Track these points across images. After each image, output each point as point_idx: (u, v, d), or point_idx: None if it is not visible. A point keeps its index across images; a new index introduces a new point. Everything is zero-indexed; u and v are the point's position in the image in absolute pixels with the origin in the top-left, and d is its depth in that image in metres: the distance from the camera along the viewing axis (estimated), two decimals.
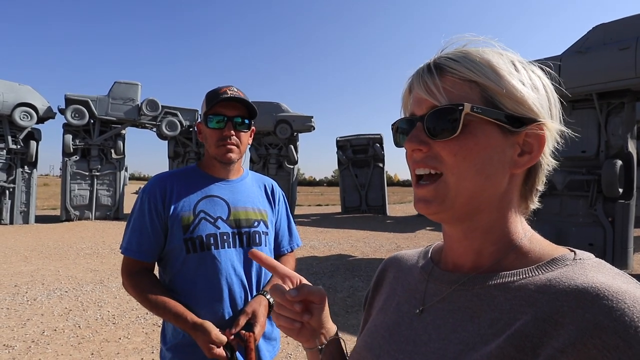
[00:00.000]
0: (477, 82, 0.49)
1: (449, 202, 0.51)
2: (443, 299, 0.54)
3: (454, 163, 0.50)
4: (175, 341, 1.35)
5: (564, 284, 0.44)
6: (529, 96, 0.49)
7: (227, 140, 1.38)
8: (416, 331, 0.54)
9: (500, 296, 0.48)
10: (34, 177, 13.73)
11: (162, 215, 1.35)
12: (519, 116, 0.49)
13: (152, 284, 1.35)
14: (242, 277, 1.38)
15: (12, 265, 7.26)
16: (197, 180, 1.42)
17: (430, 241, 6.02)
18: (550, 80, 0.54)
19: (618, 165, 6.27)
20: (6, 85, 13.09)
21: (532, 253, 0.51)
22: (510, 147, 0.50)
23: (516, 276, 0.49)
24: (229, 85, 1.42)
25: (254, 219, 1.44)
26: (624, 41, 6.13)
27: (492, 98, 0.49)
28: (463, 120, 0.49)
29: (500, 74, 0.49)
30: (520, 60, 0.52)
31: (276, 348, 1.49)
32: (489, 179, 0.50)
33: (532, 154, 0.50)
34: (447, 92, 0.50)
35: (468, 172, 0.49)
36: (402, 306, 0.60)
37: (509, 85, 0.48)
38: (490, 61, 0.50)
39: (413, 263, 0.66)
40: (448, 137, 0.50)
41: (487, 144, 0.49)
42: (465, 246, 0.55)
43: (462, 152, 0.49)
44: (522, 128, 0.49)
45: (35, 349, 3.70)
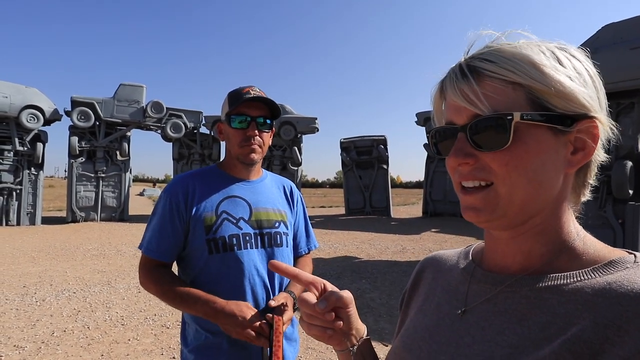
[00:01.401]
0: (521, 83, 0.45)
1: (500, 211, 0.48)
2: (487, 300, 0.52)
3: (506, 173, 0.47)
4: (197, 343, 1.34)
5: (626, 288, 0.42)
6: (578, 91, 0.46)
7: (250, 141, 1.37)
8: (458, 332, 0.52)
9: (552, 299, 0.46)
10: (40, 178, 13.81)
11: (184, 215, 1.35)
12: (570, 114, 0.46)
13: (172, 277, 1.34)
14: (264, 277, 1.37)
15: (20, 266, 7.29)
16: (218, 181, 1.42)
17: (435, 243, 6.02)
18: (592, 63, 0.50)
19: (628, 166, 6.23)
20: (13, 87, 13.19)
21: (587, 255, 0.49)
22: (563, 146, 0.48)
23: (570, 278, 0.46)
24: (251, 85, 1.41)
25: (275, 219, 1.43)
26: (634, 41, 6.09)
27: (540, 99, 0.45)
28: (502, 128, 0.45)
29: (544, 71, 0.45)
30: (562, 47, 0.49)
31: (297, 349, 1.48)
32: (543, 184, 0.47)
33: (585, 150, 0.48)
34: (489, 99, 0.46)
35: (520, 182, 0.47)
36: (442, 307, 0.58)
37: (556, 83, 0.44)
38: (531, 57, 0.45)
39: (453, 264, 0.64)
40: (498, 148, 0.46)
41: (539, 149, 0.46)
42: (512, 247, 0.52)
43: (514, 161, 0.46)
44: (574, 126, 0.47)
45: (45, 350, 3.71)
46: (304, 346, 3.87)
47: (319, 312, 0.60)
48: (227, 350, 1.30)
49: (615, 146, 6.59)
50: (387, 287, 6.01)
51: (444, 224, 14.97)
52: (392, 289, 5.90)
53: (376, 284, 6.22)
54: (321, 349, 3.80)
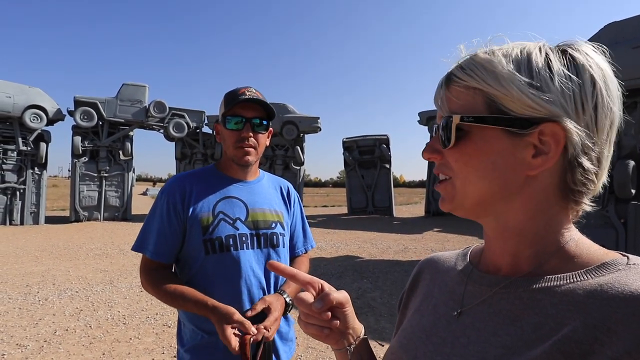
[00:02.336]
0: (480, 88, 0.49)
1: (457, 202, 0.53)
2: (483, 302, 0.53)
3: (458, 169, 0.52)
4: (194, 342, 1.34)
5: (617, 290, 0.42)
6: (533, 96, 0.46)
7: (245, 142, 1.38)
8: (454, 333, 0.53)
9: (545, 300, 0.46)
10: (43, 178, 13.89)
11: (181, 215, 1.35)
12: (526, 117, 0.47)
13: (169, 277, 1.35)
14: (260, 278, 1.37)
15: (24, 265, 7.34)
16: (215, 181, 1.42)
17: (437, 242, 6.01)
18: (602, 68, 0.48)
19: (631, 165, 6.19)
20: (17, 87, 13.26)
21: (579, 257, 0.49)
22: (521, 149, 0.48)
23: (563, 280, 0.47)
24: (247, 87, 1.41)
25: (272, 220, 1.44)
26: (636, 39, 6.05)
27: (496, 103, 0.48)
28: (459, 128, 0.50)
29: (500, 76, 0.47)
30: (550, 49, 0.49)
31: (292, 349, 1.48)
32: (495, 182, 0.49)
33: (548, 154, 0.47)
34: (450, 103, 0.52)
35: (471, 177, 0.51)
36: (439, 308, 0.59)
37: (509, 88, 0.47)
38: (492, 63, 0.48)
39: (451, 265, 0.65)
40: (448, 146, 0.52)
41: (489, 149, 0.49)
42: (500, 247, 0.54)
43: (463, 158, 0.51)
44: (530, 129, 0.47)
45: (47, 349, 3.73)
46: (303, 345, 3.88)
47: (316, 311, 0.62)
48: (222, 350, 1.30)
49: (617, 145, 6.56)
50: (388, 286, 6.01)
51: (447, 223, 14.94)
52: (393, 288, 5.89)
53: (377, 283, 6.23)
54: (321, 349, 3.81)
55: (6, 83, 13.11)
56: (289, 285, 1.42)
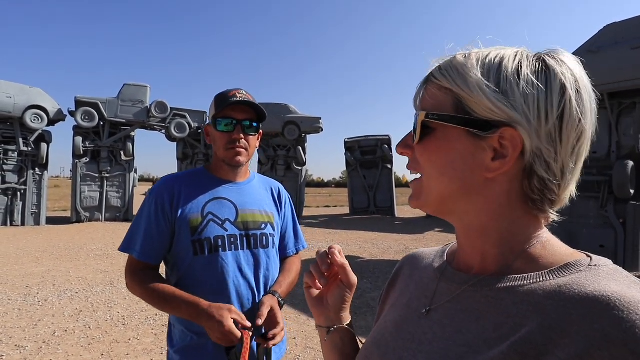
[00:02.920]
0: (450, 89, 0.50)
1: (423, 199, 0.55)
2: (452, 299, 0.54)
3: (423, 164, 0.54)
4: (183, 344, 1.35)
5: (574, 291, 0.43)
6: (494, 100, 0.47)
7: (236, 144, 1.38)
8: (422, 329, 0.54)
9: (507, 299, 0.47)
10: (44, 178, 13.90)
11: (170, 216, 1.36)
12: (487, 120, 0.48)
13: (157, 279, 1.35)
14: (249, 279, 1.38)
15: (24, 266, 7.36)
16: (205, 183, 1.43)
17: (438, 243, 5.98)
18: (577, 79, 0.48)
19: (630, 166, 6.17)
20: (17, 87, 13.27)
21: (544, 258, 0.49)
22: (481, 150, 0.49)
23: (526, 280, 0.47)
24: (238, 89, 1.42)
25: (261, 221, 1.44)
26: (635, 40, 6.03)
27: (462, 104, 0.49)
28: (426, 126, 0.52)
29: (467, 79, 0.49)
30: (526, 58, 0.49)
31: (282, 349, 1.49)
32: (454, 180, 0.51)
33: (506, 158, 0.48)
34: (423, 102, 0.54)
35: (433, 173, 0.53)
36: (412, 303, 0.60)
37: (474, 90, 0.48)
38: (464, 66, 0.50)
39: (429, 262, 0.66)
40: (415, 142, 0.54)
41: (450, 147, 0.51)
42: (469, 246, 0.55)
43: (426, 154, 0.53)
44: (490, 132, 0.48)
45: (46, 350, 3.75)
46: (302, 345, 3.89)
47: (325, 259, 0.69)
48: (212, 351, 1.31)
49: (616, 146, 6.54)
50: None
51: (448, 223, 14.55)
52: None
53: (377, 283, 6.23)
54: (319, 349, 3.81)
55: (7, 83, 13.13)
56: (280, 286, 1.42)
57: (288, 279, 1.48)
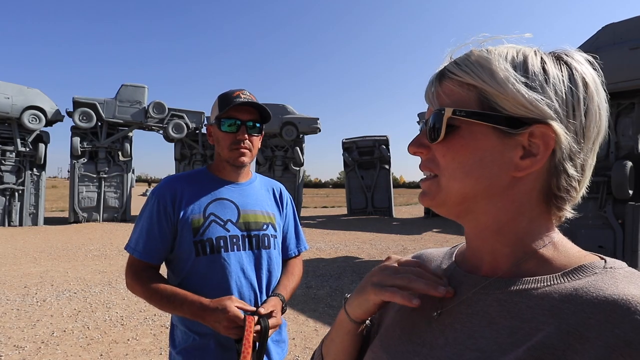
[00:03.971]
0: (474, 84, 0.48)
1: (440, 199, 0.53)
2: (462, 302, 0.52)
3: (445, 164, 0.51)
4: (185, 345, 1.34)
5: (592, 295, 0.42)
6: (527, 95, 0.45)
7: (240, 144, 1.38)
8: (433, 334, 0.53)
9: (521, 303, 0.46)
10: (42, 179, 13.86)
11: (172, 217, 1.35)
12: (517, 117, 0.46)
13: (159, 279, 1.34)
14: (251, 280, 1.37)
15: (22, 266, 7.33)
16: (207, 183, 1.43)
17: (436, 243, 6.01)
18: (593, 77, 0.48)
19: (628, 166, 6.19)
20: (15, 88, 13.24)
21: (557, 260, 0.48)
22: (510, 149, 0.47)
23: (540, 283, 0.46)
24: (241, 89, 1.41)
25: (263, 222, 1.44)
26: (634, 41, 6.05)
27: (489, 100, 0.47)
28: (450, 124, 0.50)
29: (495, 75, 0.47)
30: (545, 54, 0.49)
31: (285, 350, 1.48)
32: (481, 180, 0.49)
33: (537, 156, 0.46)
34: (441, 98, 0.51)
35: (456, 173, 0.50)
36: (420, 307, 0.57)
37: (504, 86, 0.46)
38: (489, 61, 0.48)
39: (437, 263, 0.65)
40: (437, 140, 0.51)
41: (477, 146, 0.49)
42: (479, 246, 0.54)
43: (450, 154, 0.50)
44: (521, 129, 0.46)
45: (45, 350, 3.73)
46: (301, 346, 3.88)
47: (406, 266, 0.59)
48: (214, 352, 1.30)
49: (615, 146, 6.56)
50: None
51: (446, 224, 14.94)
52: None
53: None
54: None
55: (5, 84, 13.08)
56: (285, 289, 1.42)
57: (292, 283, 1.47)
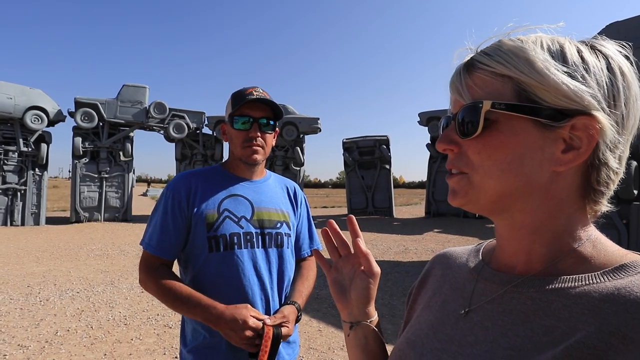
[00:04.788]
0: (510, 75, 0.45)
1: (471, 197, 0.50)
2: (493, 300, 0.51)
3: (479, 162, 0.48)
4: (196, 343, 1.34)
5: (635, 295, 0.40)
6: (571, 86, 0.43)
7: (252, 142, 1.37)
8: (462, 331, 0.52)
9: (558, 302, 0.44)
10: (44, 179, 13.90)
11: (186, 212, 1.35)
12: (559, 109, 0.44)
13: (174, 279, 1.34)
14: (264, 277, 1.37)
15: (25, 266, 7.33)
16: (221, 180, 1.42)
17: (438, 243, 5.98)
18: (628, 65, 0.46)
19: (633, 166, 6.19)
20: (18, 88, 13.28)
21: (596, 258, 0.46)
22: (551, 143, 0.45)
23: (578, 282, 0.44)
24: (254, 86, 1.41)
25: (277, 220, 1.43)
26: (639, 39, 6.06)
27: (527, 91, 0.44)
28: (485, 117, 0.46)
29: (534, 64, 0.44)
30: (582, 41, 0.47)
31: (296, 351, 1.47)
32: (519, 177, 0.46)
33: (580, 149, 0.44)
34: (471, 90, 0.48)
35: (492, 171, 0.47)
36: (447, 305, 0.58)
37: (545, 76, 0.43)
38: (525, 50, 0.45)
39: (462, 261, 0.63)
40: (472, 135, 0.48)
41: (517, 141, 0.46)
42: (514, 246, 0.52)
43: (486, 150, 0.47)
44: (563, 122, 0.44)
45: (49, 349, 3.73)
46: (305, 346, 3.88)
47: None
48: (225, 351, 1.29)
49: None
50: (389, 287, 6.02)
51: (447, 224, 14.93)
52: (394, 289, 5.90)
53: (379, 284, 6.22)
54: (323, 350, 3.81)
55: (7, 84, 13.12)
56: (301, 296, 1.41)
57: (307, 289, 1.46)
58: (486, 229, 12.92)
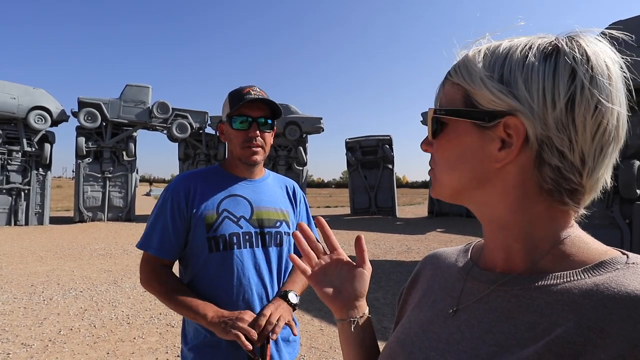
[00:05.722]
0: (459, 84, 0.51)
1: (437, 190, 0.58)
2: (480, 299, 0.52)
3: (437, 159, 0.56)
4: (197, 341, 1.34)
5: (613, 290, 0.41)
6: (495, 89, 0.47)
7: (252, 142, 1.37)
8: (449, 330, 0.53)
9: (540, 299, 0.46)
10: (48, 179, 13.98)
11: (185, 213, 1.35)
12: (490, 111, 0.48)
13: (174, 280, 1.34)
14: (264, 277, 1.37)
15: (28, 265, 7.38)
16: (220, 180, 1.42)
17: (441, 243, 5.97)
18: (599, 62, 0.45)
19: (636, 165, 6.16)
20: (21, 89, 13.36)
21: (575, 256, 0.48)
22: (489, 142, 0.49)
23: (559, 279, 0.46)
24: (251, 85, 1.41)
25: (276, 219, 1.43)
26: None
27: (470, 97, 0.50)
28: (441, 121, 0.54)
29: (470, 70, 0.50)
30: (532, 46, 0.47)
31: (296, 350, 1.48)
32: (465, 172, 0.52)
33: (511, 147, 0.47)
34: (440, 99, 0.55)
35: (444, 167, 0.54)
36: (437, 304, 0.59)
37: (477, 82, 0.49)
38: (470, 61, 0.51)
39: (452, 261, 0.65)
40: (434, 137, 0.55)
41: (459, 141, 0.51)
42: (492, 241, 0.55)
43: (439, 150, 0.55)
44: (494, 122, 0.48)
45: (52, 348, 3.75)
46: (307, 345, 3.88)
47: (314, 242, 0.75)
48: (225, 349, 1.30)
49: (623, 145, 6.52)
50: (391, 286, 6.01)
51: (450, 223, 14.91)
52: (396, 288, 5.89)
53: (380, 283, 6.22)
54: (324, 349, 3.81)
55: (11, 84, 13.20)
56: (293, 283, 1.41)
57: (301, 279, 1.44)
58: None
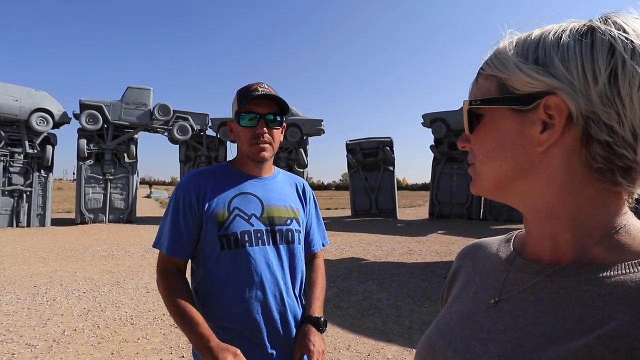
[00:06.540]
0: (492, 74, 0.52)
1: (478, 185, 0.56)
2: (525, 290, 0.51)
3: (477, 152, 0.55)
4: None
5: None
6: (531, 71, 0.46)
7: (260, 139, 1.38)
8: (492, 320, 0.52)
9: (592, 291, 0.44)
10: (50, 180, 14.00)
11: (197, 211, 1.36)
12: (528, 93, 0.47)
13: (184, 291, 1.33)
14: (276, 274, 1.38)
15: (31, 266, 7.39)
16: (230, 178, 1.43)
17: (442, 245, 5.96)
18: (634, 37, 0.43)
19: None
20: (23, 91, 13.39)
21: (632, 247, 0.45)
22: (529, 126, 0.48)
23: (613, 271, 0.44)
24: (259, 82, 1.41)
25: (287, 216, 1.44)
26: None
27: (505, 85, 0.50)
28: (476, 114, 0.53)
29: (502, 59, 0.50)
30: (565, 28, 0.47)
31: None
32: (506, 161, 0.51)
33: (554, 127, 0.46)
34: (473, 93, 0.55)
35: (484, 159, 0.54)
36: (478, 294, 0.58)
37: (512, 68, 0.49)
38: (501, 50, 0.51)
39: (493, 252, 0.64)
40: (471, 131, 0.55)
41: (497, 129, 0.51)
42: (538, 231, 0.52)
43: (478, 142, 0.54)
44: (532, 104, 0.47)
45: (56, 348, 3.77)
46: None
47: None
48: (237, 347, 1.31)
49: None
50: (394, 288, 6.02)
51: (451, 225, 14.90)
52: (399, 290, 5.90)
53: (383, 285, 6.23)
54: (328, 349, 3.81)
55: (13, 86, 13.24)
56: (316, 301, 1.46)
57: (322, 294, 1.50)
58: (490, 230, 12.88)
